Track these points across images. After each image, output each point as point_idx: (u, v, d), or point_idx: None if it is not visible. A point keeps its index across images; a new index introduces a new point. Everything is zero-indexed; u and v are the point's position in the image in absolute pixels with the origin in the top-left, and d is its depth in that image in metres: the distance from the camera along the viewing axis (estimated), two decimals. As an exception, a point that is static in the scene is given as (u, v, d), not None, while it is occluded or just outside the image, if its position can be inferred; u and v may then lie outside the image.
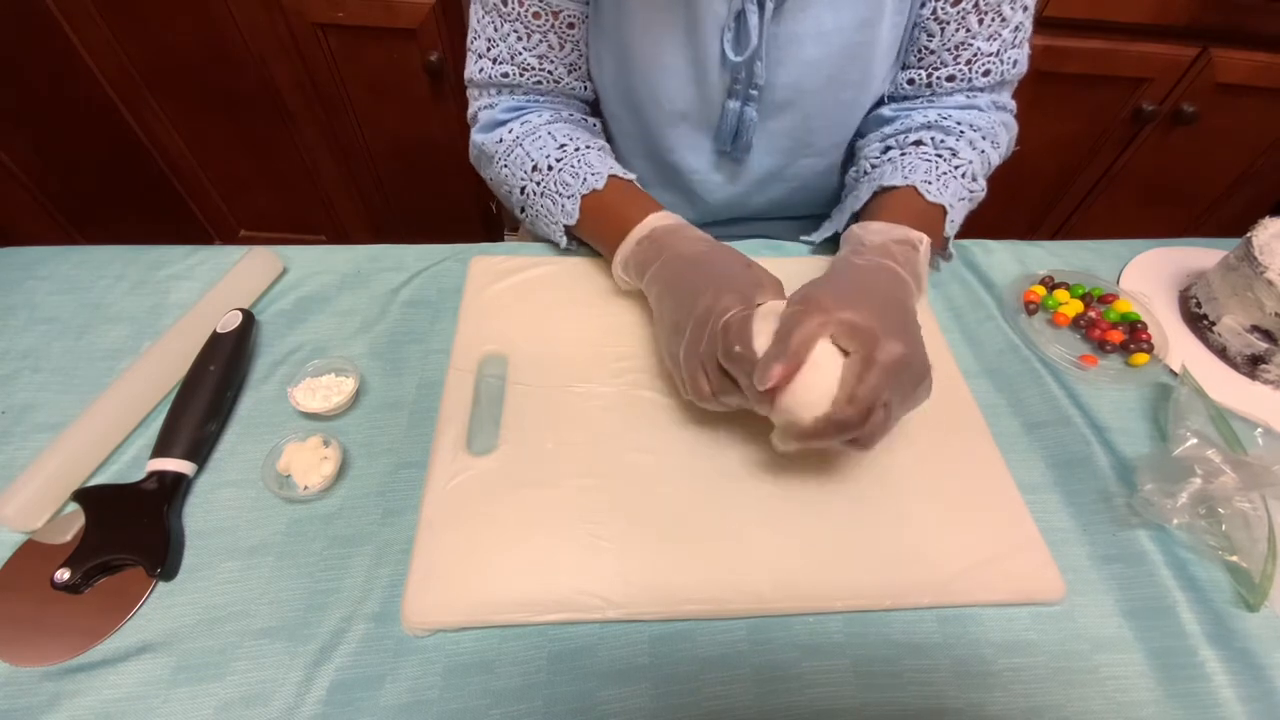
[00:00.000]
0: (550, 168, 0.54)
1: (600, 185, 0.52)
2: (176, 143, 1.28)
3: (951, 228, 0.53)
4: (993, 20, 0.51)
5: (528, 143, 0.55)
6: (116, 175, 1.26)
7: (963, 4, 0.51)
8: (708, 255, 0.46)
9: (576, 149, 0.54)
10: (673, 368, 0.43)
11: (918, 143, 0.54)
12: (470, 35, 0.55)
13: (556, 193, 0.53)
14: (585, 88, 0.59)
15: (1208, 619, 0.38)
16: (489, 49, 0.54)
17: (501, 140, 0.56)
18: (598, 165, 0.53)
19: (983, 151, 0.54)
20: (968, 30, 0.52)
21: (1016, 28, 0.52)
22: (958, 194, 0.52)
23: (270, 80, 1.14)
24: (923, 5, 0.52)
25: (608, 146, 0.59)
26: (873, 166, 0.57)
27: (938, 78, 0.55)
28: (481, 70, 0.55)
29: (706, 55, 0.52)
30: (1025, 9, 0.52)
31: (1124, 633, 0.38)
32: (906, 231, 0.47)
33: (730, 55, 0.51)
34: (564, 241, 0.56)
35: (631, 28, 0.52)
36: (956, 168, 0.53)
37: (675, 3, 0.50)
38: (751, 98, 0.54)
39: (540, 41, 0.54)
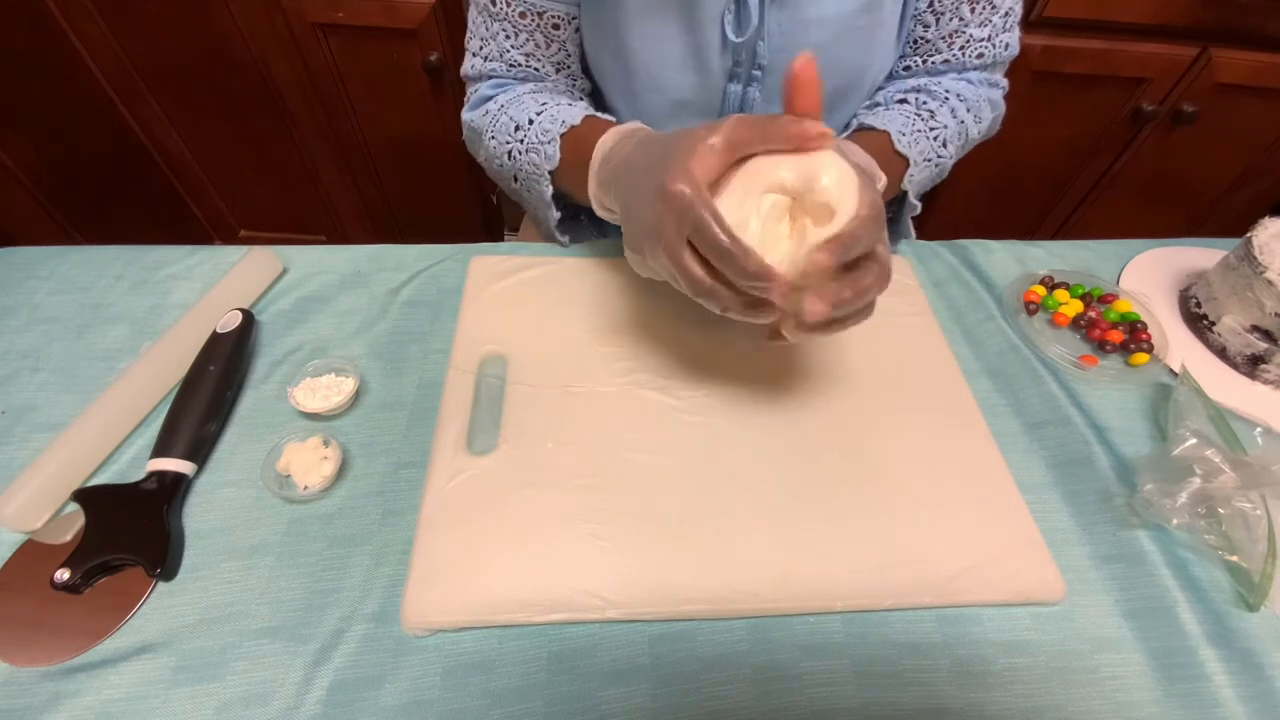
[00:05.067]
0: (531, 121, 0.53)
1: (577, 121, 0.50)
2: (176, 143, 1.28)
3: (911, 186, 0.54)
4: (984, 8, 0.53)
5: (512, 108, 0.55)
6: (116, 175, 1.26)
7: None
8: (649, 150, 0.40)
9: (557, 104, 0.54)
10: (666, 277, 0.38)
11: (902, 100, 0.56)
12: (467, 34, 0.57)
13: (538, 142, 0.52)
14: (574, 85, 0.59)
15: (1208, 619, 0.38)
16: (481, 48, 0.56)
17: (488, 112, 0.56)
18: (575, 111, 0.52)
19: (961, 121, 0.56)
20: (961, 19, 0.54)
21: (1006, 13, 0.54)
22: (924, 153, 0.53)
23: (270, 80, 1.14)
24: None
25: (591, 108, 0.57)
26: (856, 120, 0.58)
27: (933, 63, 0.56)
28: (473, 67, 0.58)
29: (705, 42, 0.53)
30: None
31: (1124, 633, 0.38)
32: (872, 163, 0.46)
33: (731, 36, 0.51)
34: (554, 216, 0.54)
35: (628, 20, 0.53)
36: (931, 129, 0.54)
37: None
38: (755, 79, 0.54)
39: (527, 40, 0.55)
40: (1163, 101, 1.07)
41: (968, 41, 0.55)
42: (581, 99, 0.60)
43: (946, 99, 0.55)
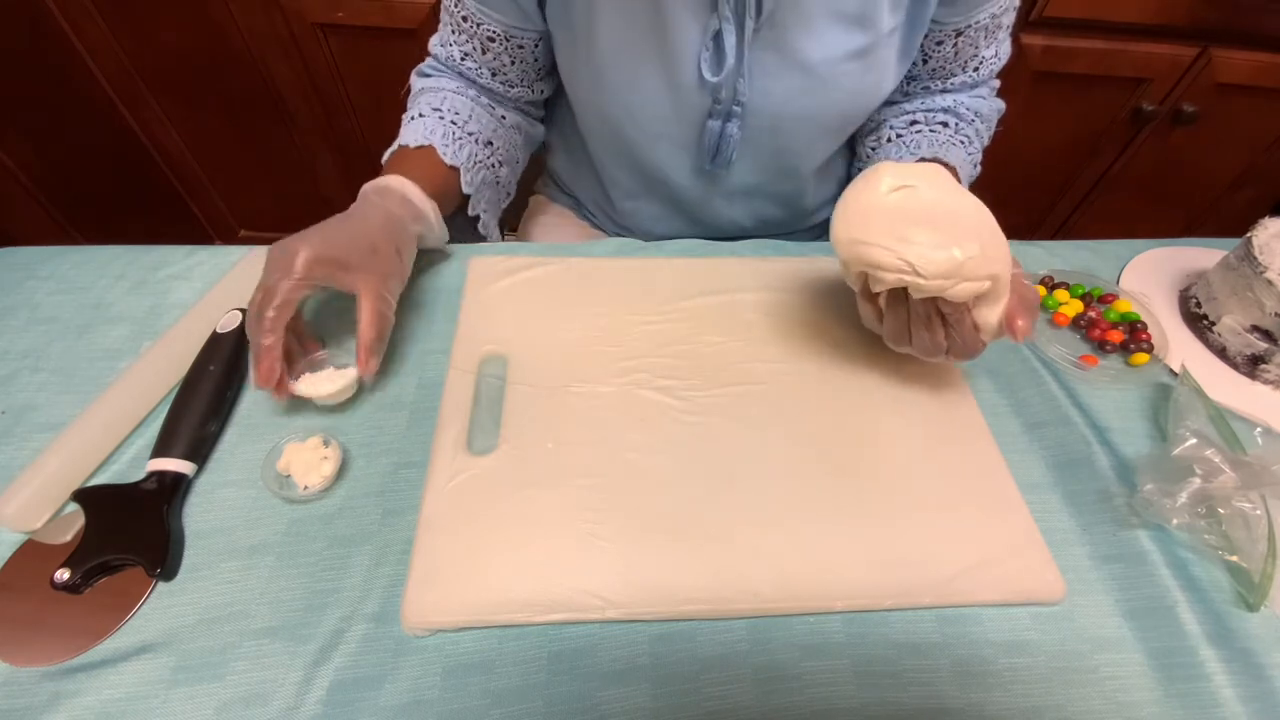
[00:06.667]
0: (411, 120, 0.56)
1: (411, 144, 0.54)
2: (176, 143, 1.28)
3: None
4: (994, 32, 0.56)
5: (424, 97, 0.58)
6: (116, 175, 1.26)
7: (975, 33, 0.55)
8: (339, 219, 0.48)
9: (442, 117, 0.56)
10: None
11: (943, 124, 0.59)
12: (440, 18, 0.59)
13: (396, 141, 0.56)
14: (509, 92, 0.60)
15: (1208, 619, 0.38)
16: (439, 30, 0.59)
17: (411, 87, 0.60)
18: (423, 130, 0.54)
19: (983, 137, 0.61)
20: (976, 47, 0.56)
21: (1007, 27, 0.57)
22: (969, 179, 0.58)
23: (270, 80, 1.14)
24: (939, 44, 0.55)
25: (481, 131, 0.59)
26: (897, 135, 0.60)
27: (951, 83, 0.59)
28: (432, 43, 0.60)
29: (682, 80, 0.52)
30: (1014, 9, 0.56)
31: (1124, 633, 0.38)
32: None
33: (707, 76, 0.51)
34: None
35: (607, 55, 0.52)
36: (969, 155, 0.59)
37: (647, 33, 0.50)
38: (734, 114, 0.54)
39: (467, 41, 0.56)
40: (1163, 101, 1.07)
41: (981, 62, 0.58)
42: (504, 116, 0.61)
43: (973, 120, 0.60)
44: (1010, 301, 0.42)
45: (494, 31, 0.54)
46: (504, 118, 0.61)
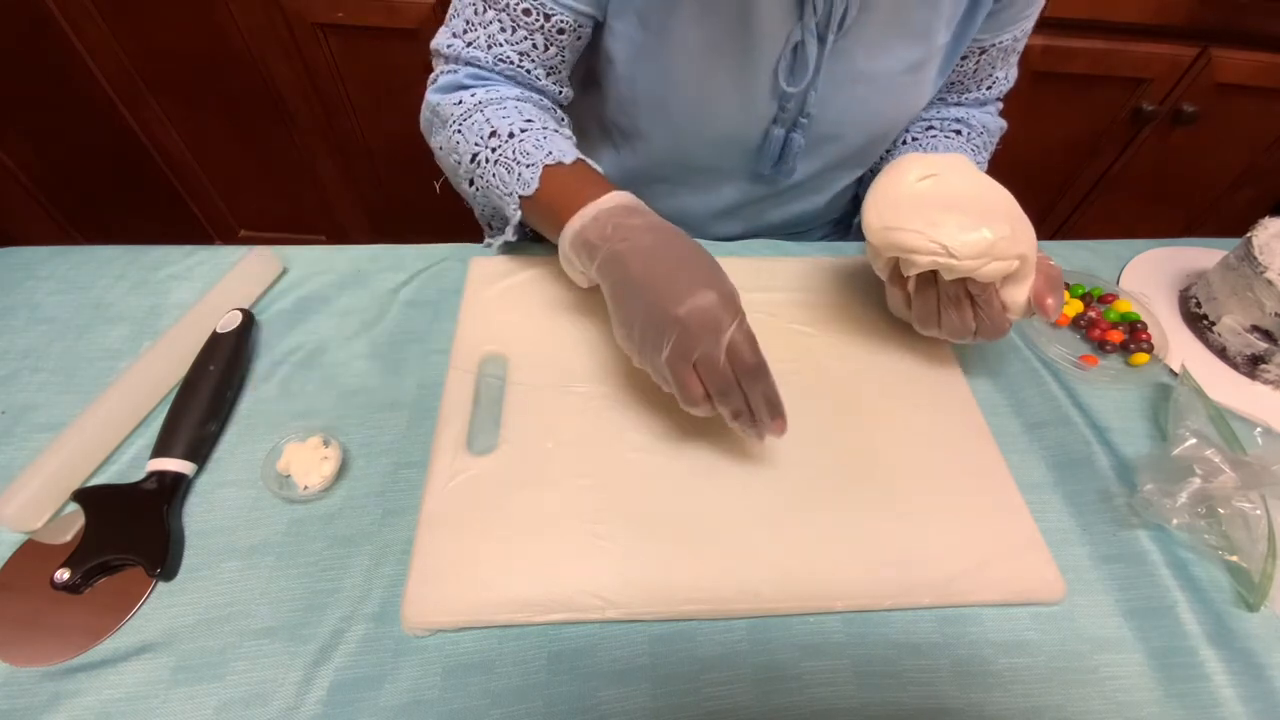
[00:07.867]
0: (513, 135, 0.48)
1: (568, 160, 0.47)
2: (176, 143, 1.28)
3: None
4: (1009, 55, 0.58)
5: (490, 109, 0.50)
6: (116, 175, 1.26)
7: (995, 53, 0.57)
8: (675, 245, 0.42)
9: (544, 127, 0.49)
10: (651, 370, 0.41)
11: (957, 131, 0.61)
12: (450, 11, 0.52)
13: (515, 160, 0.47)
14: (559, 93, 0.56)
15: (1208, 619, 0.38)
16: (466, 31, 0.51)
17: (461, 102, 0.51)
18: (564, 145, 0.48)
19: (988, 149, 0.63)
20: (993, 66, 0.60)
21: (1019, 53, 0.60)
22: None
23: (270, 80, 1.14)
24: (964, 59, 0.57)
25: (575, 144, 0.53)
26: (913, 139, 0.61)
27: (964, 99, 0.62)
28: (451, 48, 0.52)
29: (756, 84, 0.52)
30: (1027, 34, 0.58)
31: (1124, 633, 0.38)
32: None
33: (784, 86, 0.51)
34: (513, 228, 0.50)
35: (679, 53, 0.51)
36: (978, 164, 0.60)
37: (730, 36, 0.49)
38: (801, 125, 0.55)
39: (525, 39, 0.50)
40: (1163, 101, 1.07)
41: (994, 82, 0.61)
42: (563, 119, 0.56)
43: (982, 132, 0.62)
44: (1037, 281, 0.44)
45: (565, 22, 0.49)
46: (562, 120, 0.56)
